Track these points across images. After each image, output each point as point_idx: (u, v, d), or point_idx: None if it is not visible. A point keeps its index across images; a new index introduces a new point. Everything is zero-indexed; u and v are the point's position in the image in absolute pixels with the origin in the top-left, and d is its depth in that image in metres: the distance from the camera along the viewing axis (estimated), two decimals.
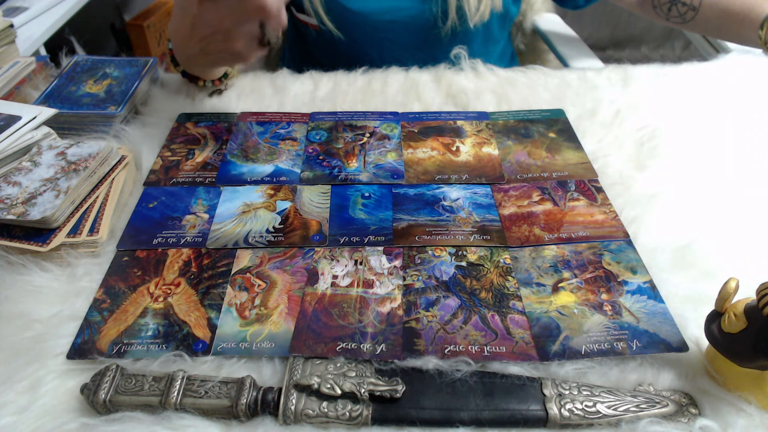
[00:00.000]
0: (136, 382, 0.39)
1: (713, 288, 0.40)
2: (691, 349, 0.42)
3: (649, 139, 0.62)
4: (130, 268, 0.49)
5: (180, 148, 0.63)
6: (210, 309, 0.46)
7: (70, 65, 0.71)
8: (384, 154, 0.61)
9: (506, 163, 0.60)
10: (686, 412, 0.38)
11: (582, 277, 0.48)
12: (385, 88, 0.71)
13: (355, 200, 0.56)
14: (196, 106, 0.69)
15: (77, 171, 0.53)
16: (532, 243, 0.51)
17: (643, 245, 0.50)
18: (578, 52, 0.92)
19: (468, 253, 0.50)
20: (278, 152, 0.62)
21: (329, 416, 0.38)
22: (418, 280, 0.48)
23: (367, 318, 0.45)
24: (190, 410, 0.39)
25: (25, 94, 0.69)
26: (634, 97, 0.68)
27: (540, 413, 0.38)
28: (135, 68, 0.70)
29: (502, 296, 0.46)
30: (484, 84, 0.72)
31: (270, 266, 0.49)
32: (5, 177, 0.53)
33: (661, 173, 0.58)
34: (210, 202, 0.56)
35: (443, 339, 0.43)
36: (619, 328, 0.43)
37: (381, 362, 0.42)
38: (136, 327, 0.45)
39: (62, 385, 0.41)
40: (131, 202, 0.56)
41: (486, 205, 0.55)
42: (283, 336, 0.44)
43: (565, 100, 0.69)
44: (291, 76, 0.74)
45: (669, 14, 0.79)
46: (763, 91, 0.68)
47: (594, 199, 0.55)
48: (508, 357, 0.42)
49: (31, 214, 0.48)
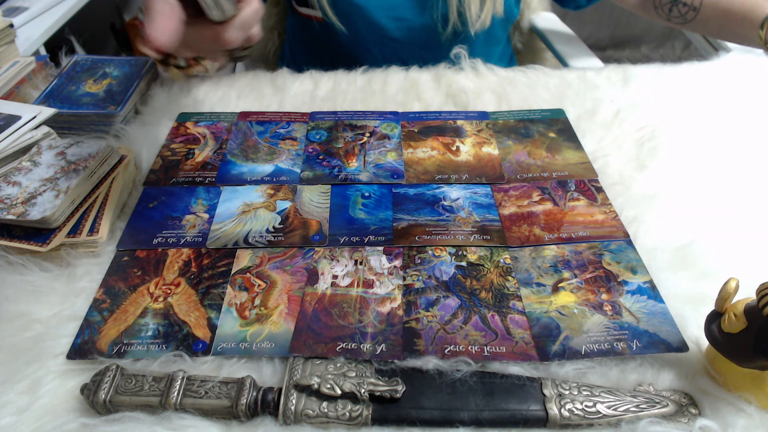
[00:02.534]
0: (136, 382, 0.39)
1: (713, 288, 0.40)
2: (691, 349, 0.42)
3: (649, 139, 0.62)
4: (130, 268, 0.49)
5: (180, 148, 0.63)
6: (210, 309, 0.46)
7: (69, 65, 0.71)
8: (384, 154, 0.61)
9: (506, 163, 0.60)
10: (686, 412, 0.38)
11: (582, 277, 0.48)
12: (385, 88, 0.71)
13: (355, 200, 0.56)
14: (196, 105, 0.69)
15: (77, 171, 0.53)
16: (532, 243, 0.51)
17: (643, 245, 0.50)
18: (576, 50, 0.92)
19: (468, 253, 0.50)
20: (278, 152, 0.62)
21: (329, 416, 0.38)
22: (418, 280, 0.48)
23: (367, 318, 0.45)
24: (190, 410, 0.39)
25: (24, 93, 0.69)
26: (634, 97, 0.68)
27: (540, 413, 0.38)
28: (135, 68, 0.70)
29: (502, 296, 0.46)
30: (484, 84, 0.72)
31: (270, 266, 0.49)
32: (5, 177, 0.53)
33: (661, 173, 0.58)
34: (210, 201, 0.56)
35: (443, 339, 0.43)
36: (619, 328, 0.43)
37: (381, 362, 0.42)
38: (136, 327, 0.45)
39: (62, 385, 0.41)
40: (131, 202, 0.56)
41: (486, 205, 0.55)
42: (283, 336, 0.44)
43: (565, 100, 0.69)
44: (291, 76, 0.74)
45: (670, 14, 0.79)
46: (763, 91, 0.68)
47: (594, 199, 0.55)
48: (508, 357, 0.42)
49: (31, 214, 0.48)
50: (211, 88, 0.72)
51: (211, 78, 0.73)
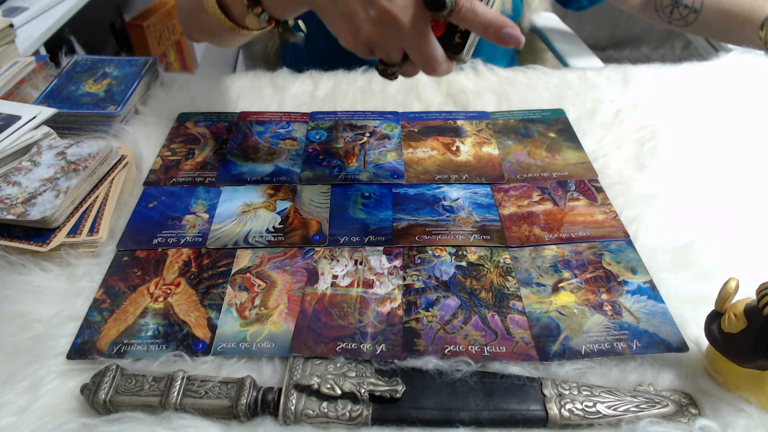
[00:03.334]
0: (136, 382, 0.39)
1: (713, 288, 0.40)
2: (691, 349, 0.42)
3: (649, 139, 0.62)
4: (130, 268, 0.49)
5: (180, 148, 0.63)
6: (210, 309, 0.46)
7: (69, 65, 0.71)
8: (384, 154, 0.61)
9: (506, 163, 0.60)
10: (686, 412, 0.38)
11: (582, 277, 0.48)
12: (385, 88, 0.71)
13: (355, 200, 0.56)
14: (196, 105, 0.69)
15: (77, 171, 0.53)
16: (532, 243, 0.51)
17: (643, 245, 0.50)
18: (577, 50, 0.92)
19: (468, 253, 0.50)
20: (278, 152, 0.62)
21: (329, 416, 0.38)
22: (418, 280, 0.48)
23: (367, 318, 0.45)
24: (190, 410, 0.39)
25: (24, 93, 0.69)
26: (634, 97, 0.68)
27: (540, 413, 0.38)
28: (135, 68, 0.70)
29: (502, 296, 0.46)
30: (484, 83, 0.72)
31: (270, 266, 0.49)
32: (5, 177, 0.53)
33: (661, 173, 0.58)
34: (210, 201, 0.56)
35: (443, 339, 0.43)
36: (619, 328, 0.43)
37: (381, 362, 0.42)
38: (136, 327, 0.45)
39: (62, 385, 0.41)
40: (131, 202, 0.56)
41: (486, 205, 0.55)
42: (283, 336, 0.44)
43: (565, 100, 0.69)
44: (291, 76, 0.74)
45: (671, 17, 0.79)
46: (763, 91, 0.68)
47: (594, 199, 0.55)
48: (508, 357, 0.42)
49: (31, 214, 0.48)
50: (211, 88, 0.72)
51: (212, 78, 0.73)
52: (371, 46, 0.45)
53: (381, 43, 0.44)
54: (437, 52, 0.44)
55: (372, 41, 0.44)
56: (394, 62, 0.46)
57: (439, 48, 0.44)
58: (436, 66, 0.44)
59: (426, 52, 0.43)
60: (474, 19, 0.41)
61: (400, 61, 0.46)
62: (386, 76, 0.48)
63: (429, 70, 0.45)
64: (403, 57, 0.46)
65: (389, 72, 0.48)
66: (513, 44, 0.42)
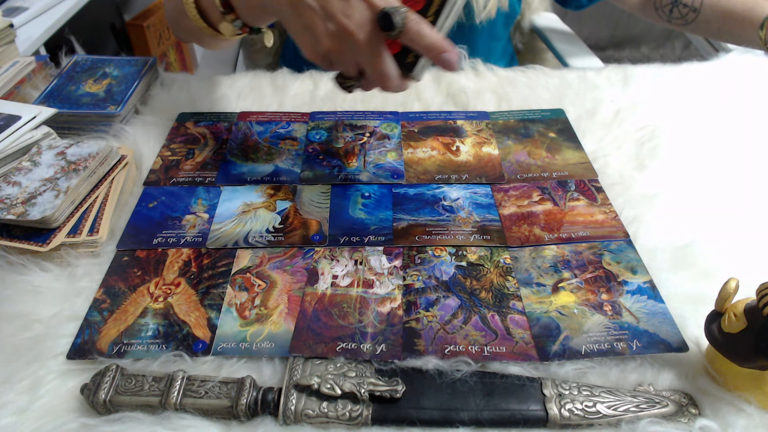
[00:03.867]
0: (136, 382, 0.39)
1: (713, 288, 0.40)
2: (691, 349, 0.42)
3: (649, 139, 0.62)
4: (130, 268, 0.49)
5: (180, 148, 0.63)
6: (210, 309, 0.46)
7: (69, 65, 0.71)
8: (384, 154, 0.61)
9: (506, 163, 0.60)
10: (686, 412, 0.38)
11: (582, 277, 0.48)
12: None
13: (355, 200, 0.56)
14: (196, 105, 0.69)
15: (77, 171, 0.53)
16: (532, 243, 0.51)
17: (643, 245, 0.50)
18: (577, 50, 0.92)
19: (468, 253, 0.50)
20: (278, 152, 0.62)
21: (329, 416, 0.38)
22: (418, 280, 0.48)
23: (367, 318, 0.45)
24: (190, 410, 0.39)
25: (24, 93, 0.69)
26: (634, 97, 0.68)
27: (540, 413, 0.38)
28: (135, 68, 0.70)
29: (502, 296, 0.46)
30: (484, 84, 0.72)
31: (270, 266, 0.49)
32: (5, 177, 0.53)
33: (661, 173, 0.58)
34: (210, 201, 0.56)
35: (443, 339, 0.43)
36: (619, 328, 0.43)
37: (381, 362, 0.42)
38: (136, 327, 0.45)
39: (62, 385, 0.41)
40: (131, 202, 0.56)
41: (486, 205, 0.55)
42: (283, 336, 0.44)
43: (565, 100, 0.69)
44: (291, 76, 0.74)
45: (671, 16, 0.79)
46: (763, 91, 0.68)
47: (594, 199, 0.55)
48: (508, 357, 0.42)
49: (31, 214, 0.48)
50: (211, 88, 0.72)
51: (212, 78, 0.73)
52: (330, 59, 0.47)
53: (338, 56, 0.46)
54: (391, 69, 0.45)
55: (330, 54, 0.46)
56: (352, 76, 0.48)
57: (393, 65, 0.46)
58: (388, 82, 0.46)
59: (379, 68, 0.45)
60: (419, 41, 0.43)
61: (357, 75, 0.48)
62: (344, 89, 0.51)
63: (382, 86, 0.47)
64: (360, 71, 0.47)
65: (347, 85, 0.50)
66: (448, 69, 0.44)
